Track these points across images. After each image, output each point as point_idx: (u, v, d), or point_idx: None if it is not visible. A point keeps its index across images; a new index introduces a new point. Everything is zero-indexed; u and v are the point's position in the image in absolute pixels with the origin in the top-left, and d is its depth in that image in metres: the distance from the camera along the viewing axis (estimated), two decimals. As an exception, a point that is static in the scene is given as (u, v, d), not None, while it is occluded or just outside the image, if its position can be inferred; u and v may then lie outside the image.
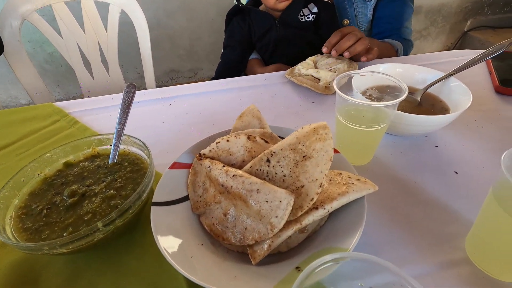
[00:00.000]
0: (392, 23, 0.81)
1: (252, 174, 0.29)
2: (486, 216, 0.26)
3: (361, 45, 0.58)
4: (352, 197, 0.27)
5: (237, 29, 0.82)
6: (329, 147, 0.27)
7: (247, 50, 0.84)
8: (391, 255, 0.28)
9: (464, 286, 0.26)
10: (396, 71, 0.47)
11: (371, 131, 0.35)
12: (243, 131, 0.34)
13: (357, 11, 0.83)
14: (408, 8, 0.82)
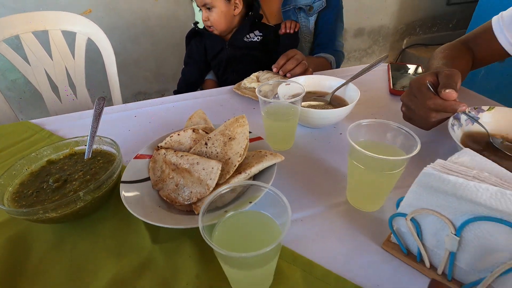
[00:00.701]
0: (328, 36, 0.99)
1: (195, 154, 0.40)
2: (350, 170, 0.39)
3: (300, 68, 0.72)
4: (266, 164, 0.39)
5: (194, 49, 0.95)
6: (246, 130, 0.39)
7: (203, 68, 0.97)
8: (296, 203, 0.40)
9: (343, 217, 0.38)
10: (313, 80, 0.62)
11: (286, 124, 0.48)
12: (191, 127, 0.46)
13: (302, 25, 1.00)
14: (340, 24, 1.00)
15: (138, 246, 0.36)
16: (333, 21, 0.96)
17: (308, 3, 0.94)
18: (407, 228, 0.30)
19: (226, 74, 0.95)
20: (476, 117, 0.47)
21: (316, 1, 0.94)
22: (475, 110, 0.48)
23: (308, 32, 0.98)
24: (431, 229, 0.29)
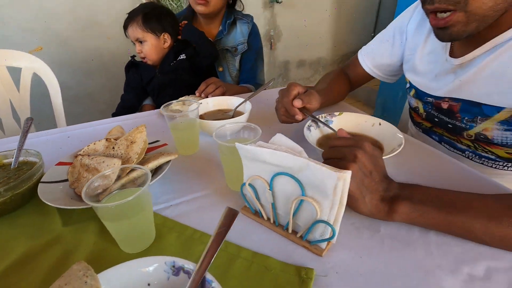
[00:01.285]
0: (250, 73, 1.18)
1: (104, 156, 0.51)
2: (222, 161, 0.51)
3: (219, 90, 0.88)
4: (162, 161, 0.51)
5: (132, 78, 1.09)
6: (144, 135, 0.51)
7: (140, 94, 1.10)
8: (188, 189, 0.52)
9: (221, 196, 0.50)
10: (220, 100, 0.77)
11: (188, 132, 0.61)
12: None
13: (229, 63, 1.18)
14: (260, 62, 1.20)
15: (50, 229, 0.45)
16: (254, 61, 1.17)
17: (233, 46, 1.14)
18: (248, 192, 0.43)
19: (160, 98, 1.08)
20: (330, 120, 0.64)
21: (239, 45, 1.14)
22: (329, 115, 0.64)
23: (234, 69, 1.17)
24: (261, 189, 0.42)
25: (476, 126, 0.59)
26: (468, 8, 0.45)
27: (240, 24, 1.14)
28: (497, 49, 0.52)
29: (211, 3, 1.03)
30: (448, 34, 0.49)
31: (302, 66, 2.80)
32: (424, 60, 0.67)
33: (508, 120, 0.54)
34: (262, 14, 2.40)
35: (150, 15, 1.01)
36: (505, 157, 0.59)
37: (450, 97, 0.61)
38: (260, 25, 2.43)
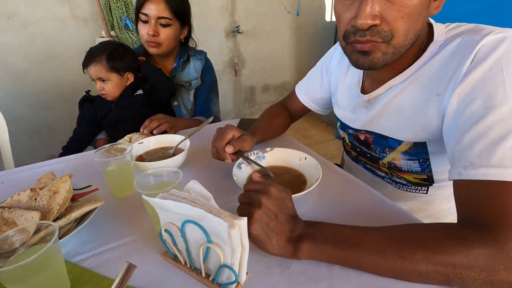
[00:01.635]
0: (204, 106, 1.21)
1: (26, 208, 0.50)
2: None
3: (164, 126, 0.90)
4: (86, 209, 0.52)
5: (86, 112, 1.08)
6: (67, 185, 0.52)
7: (94, 128, 1.09)
8: (111, 238, 0.52)
9: (148, 241, 0.51)
10: (161, 138, 0.79)
11: (122, 175, 0.62)
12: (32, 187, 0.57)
13: (183, 97, 1.21)
14: (213, 95, 1.24)
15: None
16: (207, 94, 1.22)
17: (187, 81, 1.18)
18: (165, 238, 0.45)
19: (116, 132, 1.08)
20: (262, 156, 0.68)
21: (193, 80, 1.19)
22: (261, 151, 0.68)
23: (189, 103, 1.21)
24: (176, 235, 0.44)
25: (386, 156, 0.65)
26: (392, 42, 0.48)
27: (194, 61, 1.19)
28: (394, 89, 0.59)
29: (163, 45, 1.07)
30: (369, 60, 0.51)
31: (267, 91, 2.90)
32: (344, 94, 0.74)
33: (408, 151, 0.61)
34: (225, 43, 2.49)
35: (114, 55, 1.03)
36: (414, 182, 0.66)
37: (365, 130, 0.67)
38: (224, 53, 2.52)
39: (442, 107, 0.51)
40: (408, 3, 0.45)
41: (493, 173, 0.39)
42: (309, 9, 2.79)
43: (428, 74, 0.54)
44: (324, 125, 2.84)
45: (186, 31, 1.16)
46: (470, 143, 0.43)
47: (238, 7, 2.42)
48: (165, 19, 1.03)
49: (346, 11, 0.50)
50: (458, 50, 0.49)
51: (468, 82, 0.45)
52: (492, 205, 0.39)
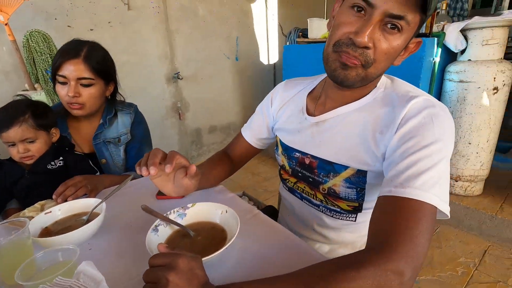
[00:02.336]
0: (134, 160, 1.14)
1: None
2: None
3: (81, 191, 0.82)
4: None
5: None
6: None
7: (4, 196, 0.95)
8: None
9: None
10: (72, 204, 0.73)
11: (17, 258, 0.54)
12: None
13: (113, 154, 1.14)
14: (145, 149, 1.18)
15: None
16: (139, 147, 1.16)
17: (116, 137, 1.11)
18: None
19: (29, 199, 0.96)
20: (183, 214, 0.66)
21: (122, 135, 1.12)
22: (182, 208, 0.67)
23: (119, 160, 1.14)
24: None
25: (329, 181, 0.69)
26: (368, 70, 0.56)
27: (122, 115, 1.14)
28: (343, 117, 0.66)
29: (86, 105, 1.00)
30: (345, 74, 0.57)
31: (214, 131, 2.93)
32: (288, 120, 0.78)
33: (350, 178, 0.65)
34: (167, 89, 2.51)
35: (39, 112, 0.93)
36: (347, 210, 0.71)
37: (311, 155, 0.72)
38: (166, 98, 2.52)
39: (383, 143, 0.59)
40: (394, 45, 0.54)
41: (415, 194, 0.48)
42: (247, 54, 3.00)
43: (372, 114, 0.63)
44: (272, 161, 2.92)
45: (112, 87, 1.10)
46: (403, 169, 0.51)
47: (177, 55, 2.50)
48: (87, 79, 0.96)
49: (349, 24, 0.55)
50: (395, 102, 0.60)
51: (406, 127, 0.56)
52: (400, 218, 0.47)
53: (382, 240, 0.46)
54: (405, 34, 0.54)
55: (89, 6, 2.01)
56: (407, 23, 0.52)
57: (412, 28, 0.54)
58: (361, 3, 0.53)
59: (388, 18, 0.52)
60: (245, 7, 2.87)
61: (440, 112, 0.56)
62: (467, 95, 1.64)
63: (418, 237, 0.45)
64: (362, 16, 0.53)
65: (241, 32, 2.90)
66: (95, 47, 1.01)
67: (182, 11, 2.44)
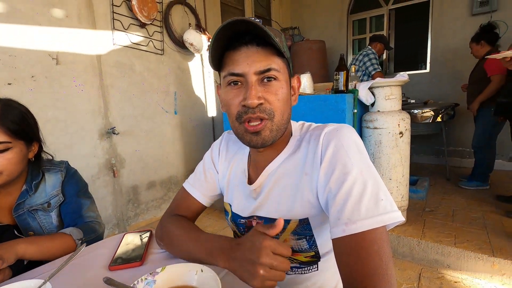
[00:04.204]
0: (72, 216, 0.98)
1: None
2: None
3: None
4: None
5: None
6: None
7: None
8: None
9: None
10: None
11: None
12: None
13: (42, 222, 0.95)
14: (84, 200, 1.02)
15: None
16: (75, 202, 1.00)
17: (44, 201, 0.95)
18: None
19: None
20: (153, 280, 0.59)
21: (52, 198, 0.97)
22: (150, 275, 0.60)
23: (52, 227, 0.96)
24: None
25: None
26: (274, 119, 0.61)
27: (50, 175, 0.98)
28: (272, 175, 0.69)
29: (4, 173, 0.84)
30: (261, 138, 0.61)
31: (153, 187, 2.75)
32: (233, 187, 0.77)
33: (296, 230, 0.66)
34: (99, 145, 2.32)
35: None
36: (305, 261, 0.71)
37: (256, 215, 0.71)
38: (99, 155, 2.32)
39: (313, 183, 0.62)
40: (278, 91, 0.61)
41: (367, 224, 0.51)
42: (186, 108, 3.05)
43: (295, 160, 0.67)
44: (217, 213, 2.84)
45: (35, 147, 0.95)
46: (343, 203, 0.54)
47: (111, 110, 2.38)
48: (2, 143, 0.82)
49: (235, 97, 0.61)
50: (310, 141, 0.66)
51: (325, 160, 0.60)
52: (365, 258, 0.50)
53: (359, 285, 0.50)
54: (282, 78, 0.62)
55: (9, 59, 1.82)
56: (277, 70, 0.60)
57: (284, 71, 0.63)
58: (233, 78, 0.61)
59: (260, 75, 0.60)
60: (182, 64, 3.01)
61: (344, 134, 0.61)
62: (382, 139, 1.97)
63: (388, 268, 0.50)
64: (241, 86, 0.61)
65: (179, 87, 2.98)
66: (9, 105, 0.87)
67: (117, 67, 2.41)
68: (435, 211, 2.31)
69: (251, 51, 0.59)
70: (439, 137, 3.29)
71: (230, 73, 0.61)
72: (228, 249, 0.60)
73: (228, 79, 0.62)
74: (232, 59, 0.60)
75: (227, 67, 0.61)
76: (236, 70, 0.60)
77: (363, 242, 0.51)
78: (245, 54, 0.59)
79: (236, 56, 0.60)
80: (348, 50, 4.39)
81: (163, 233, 0.78)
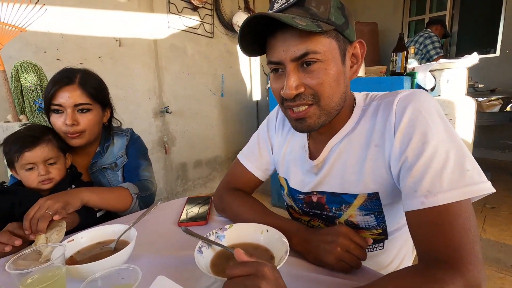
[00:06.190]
0: (131, 173, 1.08)
1: None
2: None
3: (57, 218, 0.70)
4: None
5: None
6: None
7: None
8: None
9: None
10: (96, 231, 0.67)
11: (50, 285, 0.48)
12: None
13: (110, 180, 1.07)
14: (142, 161, 1.11)
15: None
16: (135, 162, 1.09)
17: (112, 162, 1.07)
18: None
19: None
20: (222, 235, 0.64)
21: (118, 159, 1.08)
22: (220, 229, 0.65)
23: (119, 184, 1.06)
24: None
25: (343, 214, 0.67)
26: (320, 103, 0.57)
27: (118, 138, 1.10)
28: (335, 149, 0.66)
29: (86, 133, 0.95)
30: (306, 125, 0.59)
31: (200, 166, 2.89)
32: (291, 161, 0.76)
33: (364, 205, 0.63)
34: (153, 123, 2.48)
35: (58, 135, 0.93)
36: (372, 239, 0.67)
37: (316, 191, 0.70)
38: (153, 132, 2.49)
39: (385, 154, 0.58)
40: (321, 74, 0.55)
41: (450, 197, 0.47)
42: (232, 91, 3.12)
43: (361, 132, 0.63)
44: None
45: (108, 113, 1.07)
46: (420, 175, 0.50)
47: (165, 91, 2.53)
48: (84, 105, 0.93)
49: (277, 84, 0.59)
50: (379, 110, 0.61)
51: (401, 128, 0.55)
52: (448, 232, 0.46)
53: (443, 259, 0.46)
54: (327, 57, 0.55)
55: (81, 41, 2.02)
56: (317, 52, 0.53)
57: (331, 47, 0.55)
58: (272, 66, 0.58)
59: (299, 61, 0.55)
60: (230, 47, 3.05)
61: (422, 99, 0.55)
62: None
63: (474, 243, 0.46)
64: (282, 73, 0.58)
65: (226, 70, 3.04)
66: (89, 73, 0.99)
67: (171, 50, 2.53)
68: (498, 208, 2.11)
69: (287, 35, 0.54)
70: (504, 129, 2.95)
71: (269, 61, 0.59)
72: (303, 231, 0.63)
73: (270, 66, 0.60)
74: (269, 46, 0.58)
75: (267, 55, 0.59)
76: (273, 58, 0.57)
77: (447, 216, 0.47)
78: (280, 39, 0.55)
79: (272, 42, 0.57)
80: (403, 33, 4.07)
81: (226, 207, 0.81)
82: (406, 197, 0.53)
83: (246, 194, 0.82)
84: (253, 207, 0.75)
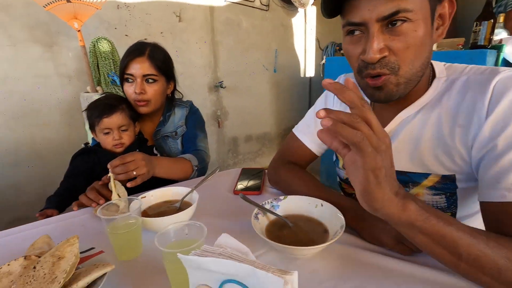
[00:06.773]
0: (189, 142, 1.17)
1: (20, 281, 0.43)
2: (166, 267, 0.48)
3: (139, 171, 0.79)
4: (95, 276, 0.45)
5: (80, 163, 0.97)
6: (75, 248, 0.46)
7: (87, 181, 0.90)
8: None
9: None
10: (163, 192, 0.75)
11: (130, 234, 0.56)
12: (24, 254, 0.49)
13: (171, 147, 1.18)
14: (199, 132, 1.20)
15: None
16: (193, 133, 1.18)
17: (173, 131, 1.17)
18: (196, 304, 0.39)
19: None
20: (276, 205, 0.66)
21: (178, 128, 1.18)
22: (275, 200, 0.67)
23: (177, 152, 1.18)
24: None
25: (409, 191, 0.62)
26: (399, 72, 0.51)
27: (178, 109, 1.19)
28: (406, 122, 0.60)
29: (152, 101, 1.05)
30: (383, 93, 0.54)
31: (250, 141, 2.96)
32: None
33: (435, 186, 0.59)
34: (208, 97, 2.59)
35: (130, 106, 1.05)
36: None
37: None
38: (208, 106, 2.60)
39: (469, 137, 0.53)
40: (410, 36, 0.49)
41: None
42: (285, 66, 3.05)
43: (444, 109, 0.56)
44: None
45: (172, 85, 1.17)
46: (509, 167, 0.46)
47: (220, 66, 2.59)
48: (151, 75, 1.03)
49: (354, 48, 0.54)
50: (469, 87, 0.54)
51: (497, 112, 0.48)
52: None
53: None
54: (417, 16, 0.48)
55: (145, 17, 2.14)
56: (409, 10, 0.47)
57: (422, 4, 0.48)
58: (350, 28, 0.52)
59: (385, 21, 0.48)
60: (284, 21, 2.95)
61: None
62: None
63: None
64: (361, 36, 0.52)
65: (280, 45, 2.97)
66: (157, 47, 1.08)
67: (227, 24, 2.55)
68: None
69: None
70: None
71: (349, 22, 0.52)
72: (359, 208, 0.59)
73: (347, 28, 0.54)
74: (350, 4, 0.51)
75: (346, 15, 0.52)
76: (354, 19, 0.51)
77: None
78: None
79: (354, 1, 0.50)
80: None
81: (280, 179, 0.83)
82: (485, 187, 0.49)
83: (301, 169, 0.82)
84: (307, 182, 0.75)
